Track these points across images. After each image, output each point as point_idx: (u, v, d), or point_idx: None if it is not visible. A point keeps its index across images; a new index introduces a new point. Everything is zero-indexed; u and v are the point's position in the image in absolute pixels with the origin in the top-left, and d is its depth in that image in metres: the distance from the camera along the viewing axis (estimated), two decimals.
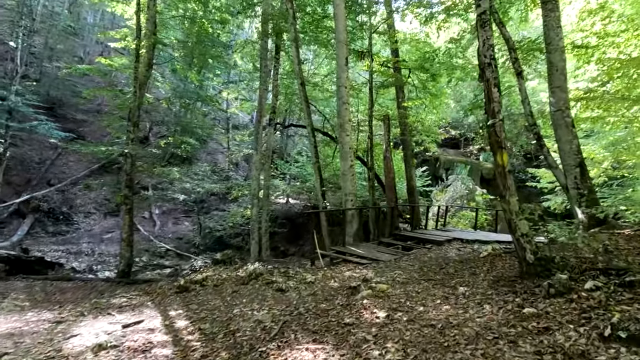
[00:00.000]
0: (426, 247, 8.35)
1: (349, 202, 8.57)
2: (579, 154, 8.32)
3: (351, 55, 11.62)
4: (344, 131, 8.54)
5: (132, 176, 10.46)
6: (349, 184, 8.58)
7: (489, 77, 4.54)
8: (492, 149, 4.61)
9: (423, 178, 19.72)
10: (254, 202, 11.40)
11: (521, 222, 4.33)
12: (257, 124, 11.32)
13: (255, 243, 11.36)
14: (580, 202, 8.10)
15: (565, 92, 8.59)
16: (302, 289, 5.31)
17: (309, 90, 13.56)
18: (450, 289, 4.64)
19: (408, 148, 12.27)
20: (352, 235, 8.59)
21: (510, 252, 6.11)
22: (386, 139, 9.84)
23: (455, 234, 10.03)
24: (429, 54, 10.28)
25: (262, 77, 11.22)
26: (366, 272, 6.09)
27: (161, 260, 17.27)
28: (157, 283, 6.88)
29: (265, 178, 11.62)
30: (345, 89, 8.50)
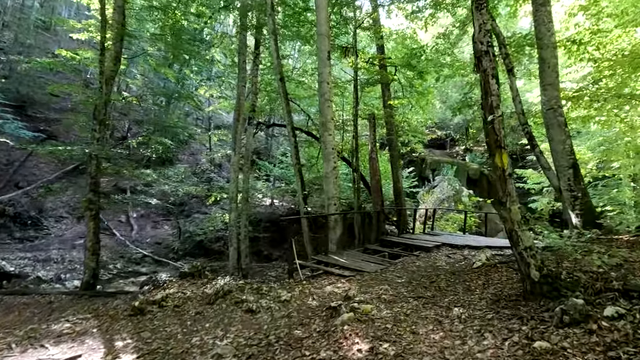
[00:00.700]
0: (414, 254, 7.75)
1: (332, 206, 7.91)
2: (572, 154, 7.87)
3: (335, 51, 10.97)
4: (326, 130, 7.87)
5: (97, 179, 9.54)
6: (332, 187, 7.91)
7: (486, 67, 3.93)
8: (489, 149, 4.00)
9: (410, 179, 19.23)
10: (232, 206, 10.61)
11: (524, 233, 3.73)
12: (235, 122, 10.54)
13: (234, 250, 10.58)
14: (574, 205, 7.64)
15: (557, 89, 8.13)
16: (275, 310, 4.60)
17: (291, 88, 12.86)
18: (444, 309, 4.01)
19: (394, 149, 11.70)
20: (336, 242, 7.93)
21: (506, 262, 5.54)
22: (372, 139, 9.23)
23: (443, 239, 9.48)
24: (416, 50, 9.73)
25: (240, 73, 10.45)
26: (349, 286, 5.42)
27: (137, 267, 16.24)
28: (113, 300, 6.06)
29: (245, 180, 10.84)
30: (327, 85, 7.84)
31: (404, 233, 10.78)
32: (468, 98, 9.45)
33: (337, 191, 8.00)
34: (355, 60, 10.06)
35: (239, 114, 10.60)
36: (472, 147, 25.80)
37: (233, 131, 10.81)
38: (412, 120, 15.24)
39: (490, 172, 23.48)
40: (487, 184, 23.02)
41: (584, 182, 7.74)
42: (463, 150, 25.73)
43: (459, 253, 8.09)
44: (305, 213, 8.34)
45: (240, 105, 10.61)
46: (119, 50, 9.74)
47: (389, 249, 8.24)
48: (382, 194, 9.46)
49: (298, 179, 8.44)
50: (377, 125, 13.21)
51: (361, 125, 14.84)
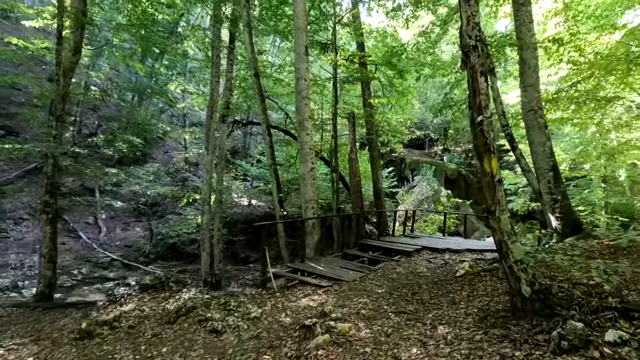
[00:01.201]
0: (394, 260, 7.41)
1: (310, 210, 7.45)
2: (552, 156, 7.74)
3: (314, 48, 10.51)
4: (303, 129, 7.40)
5: (54, 180, 8.69)
6: (310, 190, 7.46)
7: (474, 64, 3.57)
8: (477, 152, 3.65)
9: (389, 179, 19.07)
10: (205, 208, 9.97)
11: (515, 245, 3.39)
12: (208, 120, 9.89)
13: (207, 254, 9.96)
14: (554, 208, 7.52)
15: (537, 90, 7.99)
16: (243, 329, 4.10)
17: (269, 85, 12.30)
18: (428, 327, 3.63)
19: (374, 148, 11.37)
20: (313, 247, 7.48)
21: (489, 270, 5.26)
22: (351, 138, 8.84)
23: (424, 242, 9.22)
24: (396, 49, 9.41)
25: (213, 68, 9.80)
26: (326, 298, 4.98)
27: (104, 272, 15.22)
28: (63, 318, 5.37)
29: (219, 181, 10.21)
30: (304, 81, 7.36)
31: (384, 235, 10.46)
32: (449, 98, 9.23)
33: (315, 194, 7.55)
34: (335, 57, 9.63)
35: (212, 111, 9.95)
36: (451, 147, 25.98)
37: (206, 129, 10.15)
38: (392, 120, 14.99)
39: (468, 173, 23.70)
40: (465, 184, 23.22)
41: (563, 184, 7.64)
42: (441, 150, 25.87)
43: (440, 257, 7.83)
44: (282, 217, 7.85)
45: (213, 101, 9.97)
46: (78, 40, 8.90)
47: (368, 254, 7.87)
48: (362, 195, 9.10)
49: (274, 180, 7.93)
50: (357, 124, 12.86)
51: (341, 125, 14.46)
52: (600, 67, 7.82)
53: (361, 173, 14.61)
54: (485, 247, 8.99)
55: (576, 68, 8.03)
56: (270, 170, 7.81)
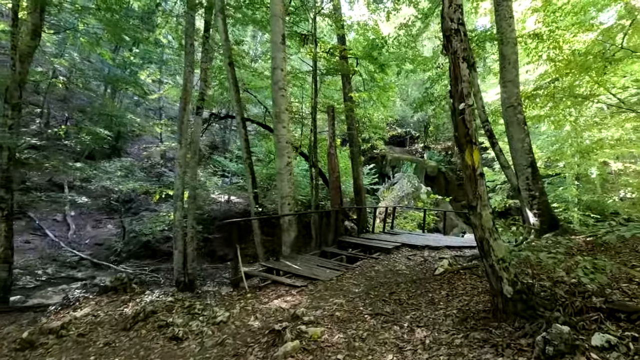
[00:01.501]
0: (373, 257, 7.18)
1: (286, 206, 7.12)
2: (530, 153, 7.70)
3: (293, 39, 10.13)
4: (280, 122, 7.04)
5: (10, 173, 8.00)
6: (286, 185, 7.12)
7: (457, 49, 3.33)
8: (458, 144, 3.42)
9: (370, 176, 18.93)
10: (177, 204, 9.47)
11: (496, 242, 3.18)
12: (181, 112, 9.37)
13: (179, 253, 9.47)
14: (532, 204, 7.48)
15: (517, 86, 7.92)
16: (207, 335, 3.75)
17: (247, 77, 11.84)
18: (405, 331, 3.39)
19: (355, 144, 11.12)
20: (290, 245, 7.16)
21: (469, 268, 5.08)
22: (330, 133, 8.55)
23: (403, 239, 9.06)
24: (378, 41, 9.16)
25: (187, 58, 9.27)
26: (299, 299, 4.68)
27: (72, 272, 14.37)
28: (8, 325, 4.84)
29: (192, 176, 9.72)
30: (281, 72, 7.00)
31: (364, 232, 10.25)
32: (429, 94, 9.08)
33: (292, 189, 7.22)
34: (315, 49, 9.29)
35: (185, 103, 9.43)
36: (431, 145, 26.15)
37: (179, 122, 9.61)
38: (374, 116, 14.80)
39: (447, 170, 23.90)
40: (444, 181, 23.40)
41: (541, 181, 7.62)
42: (422, 147, 26.00)
43: (419, 254, 7.67)
44: (257, 213, 7.48)
45: (187, 92, 9.44)
46: (37, 22, 8.21)
47: (347, 252, 7.62)
48: (341, 192, 8.83)
49: (249, 175, 7.54)
50: (338, 119, 12.58)
51: (322, 120, 14.14)
52: (577, 64, 7.82)
53: (341, 169, 14.37)
54: (464, 243, 8.92)
55: (554, 65, 8.00)
56: (245, 164, 7.42)
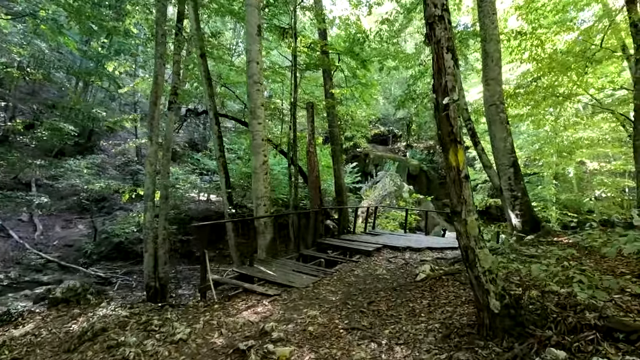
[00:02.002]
0: (353, 261, 6.85)
1: (262, 207, 6.69)
2: (512, 152, 7.54)
3: (272, 32, 9.66)
4: (255, 118, 6.60)
5: None
6: (262, 185, 6.69)
7: (440, 37, 2.99)
8: (441, 143, 3.09)
9: (353, 174, 18.64)
10: (147, 204, 8.86)
11: (483, 251, 2.88)
12: (152, 106, 8.76)
13: (150, 256, 8.88)
14: (514, 205, 7.32)
15: (500, 85, 7.74)
16: (162, 357, 3.30)
17: (224, 71, 11.27)
18: (384, 349, 3.04)
19: (337, 142, 10.76)
20: (266, 248, 6.74)
21: (452, 274, 4.80)
22: (310, 129, 8.14)
23: (385, 240, 8.78)
24: (359, 35, 8.81)
25: (158, 49, 8.66)
26: (271, 310, 4.28)
27: (37, 276, 13.44)
28: None
29: (164, 174, 9.13)
30: (257, 65, 6.55)
31: (345, 233, 9.93)
32: (412, 91, 8.82)
33: (268, 189, 6.79)
34: (294, 43, 8.86)
35: (156, 97, 8.82)
36: (413, 143, 26.13)
37: (149, 117, 9.00)
38: (356, 114, 14.49)
39: (429, 169, 23.92)
40: (426, 180, 23.41)
41: (523, 181, 7.48)
42: (404, 146, 25.94)
43: (400, 257, 7.40)
44: (231, 214, 7.02)
45: (157, 86, 8.84)
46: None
47: (326, 255, 7.26)
48: (321, 191, 8.46)
49: (222, 174, 7.06)
50: (319, 117, 12.19)
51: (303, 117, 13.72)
52: (559, 63, 7.70)
53: (323, 168, 13.99)
54: (446, 244, 8.72)
55: (536, 64, 7.86)
56: (218, 162, 6.94)
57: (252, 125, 6.65)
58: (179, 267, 14.06)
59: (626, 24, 7.62)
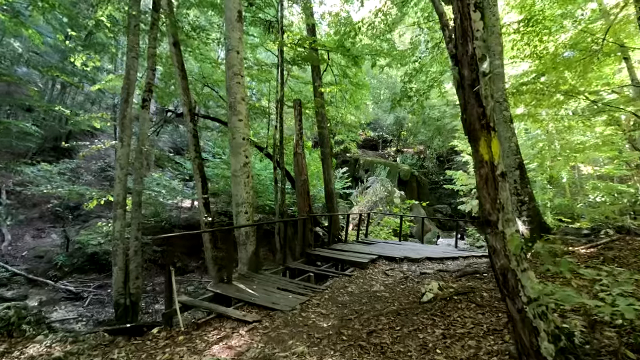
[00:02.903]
0: (346, 274, 6.03)
1: (242, 215, 5.83)
2: (518, 153, 6.88)
3: (257, 26, 8.90)
4: (235, 114, 5.78)
5: None
6: (243, 190, 5.84)
7: None
8: (468, 130, 2.33)
9: (343, 180, 17.88)
10: (117, 212, 7.92)
11: (527, 275, 2.11)
12: (123, 104, 7.85)
13: (119, 270, 7.90)
14: (521, 210, 6.65)
15: (502, 81, 7.10)
16: None
17: (207, 69, 10.41)
18: None
19: (326, 145, 9.99)
20: (247, 261, 5.87)
21: (464, 293, 4.03)
22: (297, 129, 7.35)
23: (379, 249, 8.00)
24: (350, 28, 8.11)
25: (130, 41, 7.80)
26: (249, 343, 3.42)
27: (1, 290, 12.20)
28: None
29: (136, 179, 8.19)
30: (237, 54, 5.75)
31: (335, 242, 9.11)
32: (407, 88, 8.16)
33: (250, 195, 5.94)
34: (281, 36, 8.11)
35: (128, 93, 7.92)
36: (403, 149, 25.62)
37: (120, 115, 8.08)
38: (347, 117, 13.78)
39: (420, 174, 23.36)
40: (417, 185, 22.84)
41: (530, 184, 6.83)
42: (394, 151, 25.41)
43: (398, 269, 6.61)
44: (208, 224, 6.13)
45: (130, 81, 7.94)
46: None
47: (315, 267, 6.42)
48: (310, 197, 7.64)
49: (198, 177, 6.19)
50: (308, 121, 11.43)
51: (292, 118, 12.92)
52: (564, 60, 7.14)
53: (312, 173, 13.19)
54: (445, 253, 7.99)
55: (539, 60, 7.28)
56: (194, 164, 6.07)
57: (232, 122, 5.82)
58: (158, 280, 13.00)
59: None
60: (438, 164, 24.48)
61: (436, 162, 24.56)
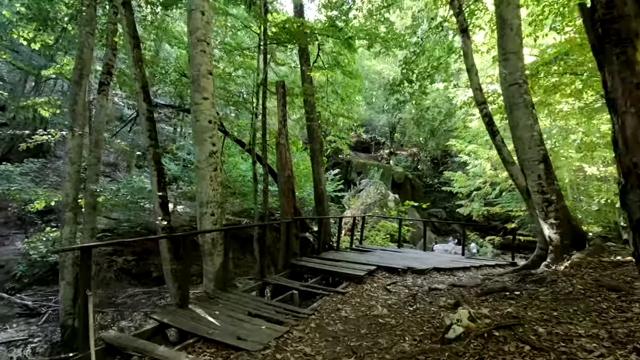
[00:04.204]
0: (339, 292, 4.74)
1: (208, 217, 4.52)
2: (541, 144, 5.71)
3: (237, 3, 7.66)
4: (198, 91, 4.51)
5: None
6: (209, 187, 4.54)
7: None
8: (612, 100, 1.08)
9: (335, 182, 16.62)
10: (66, 216, 6.54)
11: None
12: (74, 87, 6.50)
13: (67, 285, 6.52)
14: (547, 212, 5.47)
15: (521, 59, 5.96)
16: None
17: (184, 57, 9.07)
18: None
19: (316, 140, 8.74)
20: (214, 276, 4.55)
21: (507, 326, 2.78)
22: (280, 116, 6.07)
23: (377, 258, 6.74)
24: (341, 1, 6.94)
25: (84, 13, 6.47)
26: None
27: None
28: None
29: (91, 177, 6.82)
30: (202, 15, 4.50)
31: (326, 249, 7.82)
32: (408, 71, 6.99)
33: (218, 192, 4.64)
34: (264, 13, 6.89)
35: (81, 75, 6.58)
36: (397, 151, 24.55)
37: (70, 100, 6.72)
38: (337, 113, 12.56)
39: (414, 176, 22.27)
40: (411, 188, 21.73)
41: (557, 180, 5.68)
42: (387, 154, 24.30)
43: (401, 283, 5.35)
44: (165, 229, 4.80)
45: (83, 62, 6.61)
46: None
47: (301, 283, 5.12)
48: (296, 196, 6.33)
49: (153, 170, 4.86)
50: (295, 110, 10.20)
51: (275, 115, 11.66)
52: None
53: (300, 172, 11.91)
54: (454, 263, 6.77)
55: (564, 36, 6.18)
56: (148, 154, 4.76)
57: (195, 100, 4.54)
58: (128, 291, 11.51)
59: None
60: (432, 167, 23.45)
61: (430, 164, 23.53)
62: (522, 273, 4.92)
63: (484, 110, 5.95)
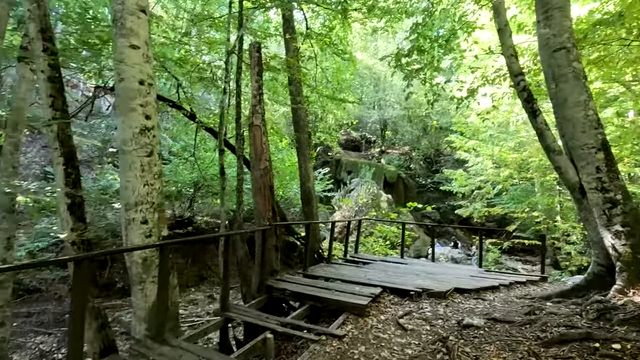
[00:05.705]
0: (333, 336, 3.18)
1: (136, 226, 2.93)
2: (599, 127, 4.27)
3: None
4: (123, 35, 2.92)
5: None
6: (138, 179, 2.95)
7: None
8: None
9: (324, 181, 15.06)
10: None
11: None
12: None
13: None
14: (610, 215, 4.05)
15: (568, 17, 4.55)
16: None
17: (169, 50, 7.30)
18: None
19: (303, 129, 7.18)
20: (146, 315, 2.94)
21: None
22: (255, 87, 4.42)
23: (380, 274, 5.21)
24: None
25: None
26: None
27: None
28: None
29: (4, 169, 5.07)
30: None
31: (315, 262, 6.26)
32: (421, 38, 5.51)
33: (154, 189, 3.05)
34: None
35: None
36: (388, 149, 23.18)
37: None
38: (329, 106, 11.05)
39: (407, 176, 20.92)
40: (404, 188, 20.36)
41: (620, 174, 4.29)
42: (378, 152, 22.91)
43: (419, 314, 3.82)
44: (78, 244, 3.13)
45: None
46: None
47: (278, 319, 3.52)
48: (274, 195, 4.70)
49: (58, 156, 3.15)
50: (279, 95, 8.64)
51: None
52: None
53: (286, 169, 10.32)
54: (475, 279, 5.29)
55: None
56: (50, 132, 3.11)
57: (119, 50, 2.93)
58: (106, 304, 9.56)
59: None
60: (425, 166, 22.14)
61: (423, 163, 22.22)
62: (590, 302, 3.49)
63: (521, 84, 4.51)
